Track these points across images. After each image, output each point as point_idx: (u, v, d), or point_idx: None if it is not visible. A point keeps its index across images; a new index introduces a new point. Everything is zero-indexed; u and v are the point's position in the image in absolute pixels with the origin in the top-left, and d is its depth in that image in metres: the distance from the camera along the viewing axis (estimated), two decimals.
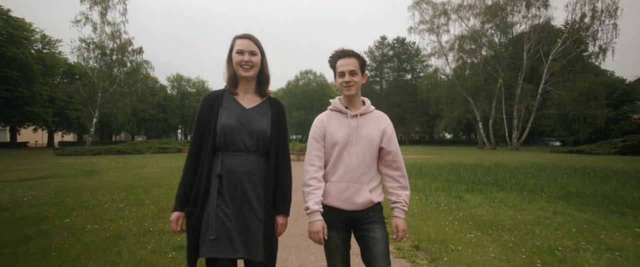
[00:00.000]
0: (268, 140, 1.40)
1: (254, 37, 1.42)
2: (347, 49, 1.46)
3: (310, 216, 1.39)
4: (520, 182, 6.70)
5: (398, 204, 1.44)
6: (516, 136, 29.05)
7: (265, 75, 1.47)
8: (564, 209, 4.38)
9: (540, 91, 27.59)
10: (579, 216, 3.99)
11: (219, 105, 1.40)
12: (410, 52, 53.58)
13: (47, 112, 30.25)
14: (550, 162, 11.72)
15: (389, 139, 1.47)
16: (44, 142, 42.24)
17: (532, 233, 3.36)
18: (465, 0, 31.63)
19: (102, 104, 26.04)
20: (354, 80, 1.42)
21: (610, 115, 29.65)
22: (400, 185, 1.46)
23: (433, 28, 33.33)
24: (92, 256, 2.79)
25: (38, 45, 32.07)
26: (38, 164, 12.30)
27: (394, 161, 1.47)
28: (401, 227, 1.42)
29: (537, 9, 28.14)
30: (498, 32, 31.33)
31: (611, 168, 9.54)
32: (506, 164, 11.37)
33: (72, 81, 35.53)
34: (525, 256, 2.76)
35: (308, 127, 55.55)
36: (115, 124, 31.09)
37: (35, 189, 6.08)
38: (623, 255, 2.77)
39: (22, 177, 8.22)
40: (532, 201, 4.91)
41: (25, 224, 3.74)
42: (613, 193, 5.42)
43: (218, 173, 1.31)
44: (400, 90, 50.84)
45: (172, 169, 10.40)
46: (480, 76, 30.87)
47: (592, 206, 4.58)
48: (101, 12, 25.24)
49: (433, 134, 50.52)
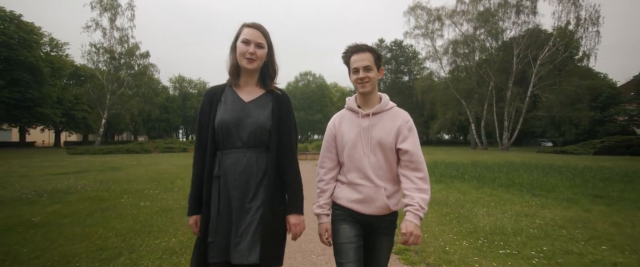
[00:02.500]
0: (268, 134, 1.31)
1: (263, 28, 1.34)
2: (360, 44, 1.40)
3: (318, 219, 1.42)
4: (481, 175, 8.02)
5: (410, 207, 1.30)
6: (507, 137, 30.39)
7: (273, 70, 1.40)
8: (498, 193, 5.73)
9: (529, 94, 28.94)
10: (504, 196, 5.35)
11: (218, 101, 1.34)
12: (408, 55, 55.00)
13: (56, 113, 31.49)
14: (525, 161, 13.02)
15: (405, 138, 1.37)
16: (51, 141, 43.48)
17: (463, 207, 4.69)
18: (459, 7, 33.00)
19: (111, 106, 27.34)
20: (368, 76, 1.36)
21: (597, 118, 31.13)
22: (417, 187, 1.34)
23: (427, 33, 34.70)
24: (154, 219, 4.08)
25: (46, 48, 33.41)
26: (61, 162, 13.57)
27: (411, 161, 1.36)
28: (410, 230, 1.26)
29: (526, 16, 29.52)
30: (489, 38, 32.67)
31: (569, 165, 10.85)
32: (485, 162, 12.66)
33: (78, 83, 36.88)
34: (449, 218, 4.07)
35: (308, 127, 57.07)
36: (122, 124, 32.44)
37: (80, 181, 7.37)
38: (507, 216, 4.14)
39: (58, 172, 9.50)
40: (479, 188, 6.25)
41: (93, 202, 5.04)
42: (542, 181, 6.81)
43: (216, 173, 1.29)
44: (397, 92, 52.19)
45: (183, 166, 11.66)
46: (473, 79, 32.23)
47: (519, 190, 5.98)
48: (111, 18, 26.56)
49: (428, 134, 51.86)
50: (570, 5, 26.64)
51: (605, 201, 4.99)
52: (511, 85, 29.54)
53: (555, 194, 5.54)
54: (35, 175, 8.49)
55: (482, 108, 32.19)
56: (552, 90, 27.77)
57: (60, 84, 34.29)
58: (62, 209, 4.49)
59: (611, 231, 3.50)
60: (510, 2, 29.65)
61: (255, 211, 1.26)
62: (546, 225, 3.73)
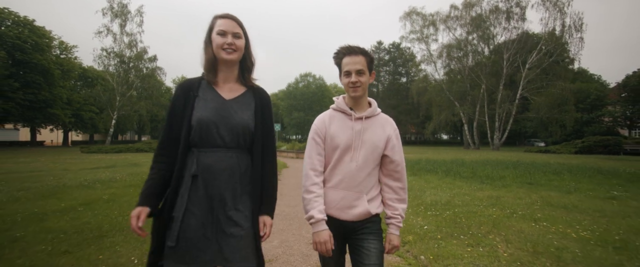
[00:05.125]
0: (251, 135, 1.26)
1: (237, 18, 1.27)
2: (353, 46, 1.36)
3: (315, 226, 1.32)
4: (450, 169, 9.47)
5: (393, 220, 1.36)
6: (498, 137, 31.88)
7: (250, 62, 1.33)
8: (455, 182, 7.22)
9: (518, 97, 30.44)
10: (457, 184, 6.85)
11: (195, 96, 1.25)
12: (406, 57, 56.45)
13: (66, 114, 32.93)
14: (500, 159, 14.45)
15: (394, 147, 1.39)
16: (59, 141, 45.01)
17: (422, 191, 6.13)
18: (452, 12, 34.49)
19: (121, 107, 28.84)
20: (360, 80, 1.33)
21: (584, 119, 32.67)
22: (399, 197, 1.38)
23: (422, 37, 36.23)
24: None
25: (56, 51, 34.88)
26: (84, 159, 15.04)
27: (395, 171, 1.38)
28: (394, 243, 1.37)
29: (516, 22, 31.00)
30: (481, 42, 34.16)
31: (535, 162, 12.29)
32: (464, 159, 14.09)
33: (85, 84, 38.40)
34: (410, 199, 5.53)
35: (307, 127, 58.15)
36: (129, 125, 33.95)
37: (115, 174, 8.82)
38: (448, 195, 5.63)
39: (91, 167, 10.96)
40: (442, 178, 7.73)
41: (136, 188, 6.47)
42: (496, 174, 8.28)
43: (193, 172, 1.18)
44: (395, 93, 53.81)
45: None
46: (466, 82, 33.74)
47: (474, 180, 7.46)
48: (121, 24, 28.05)
49: (424, 134, 53.41)
50: (556, 12, 28.15)
51: (532, 187, 6.47)
52: (501, 88, 31.09)
53: (498, 182, 7.02)
54: (74, 169, 9.95)
55: (474, 110, 33.68)
56: (539, 93, 29.30)
57: (69, 85, 35.79)
58: (117, 192, 5.93)
59: (512, 202, 5.00)
60: (501, 8, 31.15)
61: (239, 213, 1.20)
62: (471, 199, 5.21)
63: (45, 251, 2.81)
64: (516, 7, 30.41)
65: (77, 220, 3.88)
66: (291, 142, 26.63)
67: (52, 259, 2.65)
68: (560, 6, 27.79)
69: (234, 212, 1.19)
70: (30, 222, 3.71)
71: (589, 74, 43.74)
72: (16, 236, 3.20)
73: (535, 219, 3.92)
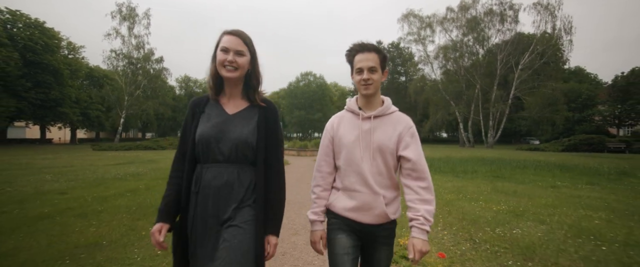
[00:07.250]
0: (253, 149, 1.25)
1: (243, 34, 1.27)
2: (366, 43, 1.34)
3: (311, 226, 1.36)
4: (433, 165, 10.64)
5: (415, 222, 1.24)
6: (492, 135, 33.13)
7: (255, 80, 1.31)
8: (435, 176, 8.38)
9: (511, 97, 31.65)
10: (435, 177, 8.01)
11: (201, 112, 1.30)
12: (405, 57, 57.54)
13: (75, 112, 34.10)
14: (489, 156, 15.64)
15: (407, 145, 1.32)
16: (66, 138, 46.27)
17: None
18: (449, 14, 35.60)
19: (129, 106, 30.11)
20: (373, 78, 1.31)
21: (575, 118, 33.88)
22: (420, 198, 1.27)
23: (420, 39, 37.39)
24: None
25: (64, 51, 36.06)
26: (101, 156, 16.22)
27: (413, 169, 1.30)
28: (418, 248, 1.20)
29: (510, 24, 32.15)
30: (476, 44, 35.32)
31: (514, 159, 13.49)
32: (453, 157, 15.28)
33: (92, 83, 39.63)
34: None
35: (308, 126, 59.79)
36: (134, 123, 35.26)
37: (138, 169, 10.03)
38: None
39: (113, 163, 12.17)
40: None
41: (163, 180, 7.67)
42: (472, 169, 9.48)
43: (193, 190, 1.23)
44: (395, 92, 54.92)
45: None
46: (461, 82, 34.93)
47: (451, 174, 8.65)
48: (129, 27, 29.25)
49: (421, 132, 54.73)
50: (547, 15, 29.29)
51: (497, 179, 7.69)
52: (495, 88, 32.31)
53: (469, 175, 8.24)
54: (99, 165, 11.18)
55: (469, 109, 34.87)
56: (531, 93, 30.53)
57: (77, 84, 36.98)
58: (149, 183, 7.13)
59: (471, 190, 6.22)
60: (495, 11, 32.25)
61: (237, 229, 1.17)
62: (438, 188, 6.42)
63: (126, 218, 4.04)
64: (510, 10, 31.56)
65: (133, 200, 5.11)
66: (291, 141, 27.91)
67: (132, 222, 3.89)
68: (551, 9, 28.96)
69: (234, 228, 1.17)
70: (100, 202, 4.94)
71: (586, 73, 44.87)
72: (98, 209, 4.44)
73: (476, 200, 5.16)
